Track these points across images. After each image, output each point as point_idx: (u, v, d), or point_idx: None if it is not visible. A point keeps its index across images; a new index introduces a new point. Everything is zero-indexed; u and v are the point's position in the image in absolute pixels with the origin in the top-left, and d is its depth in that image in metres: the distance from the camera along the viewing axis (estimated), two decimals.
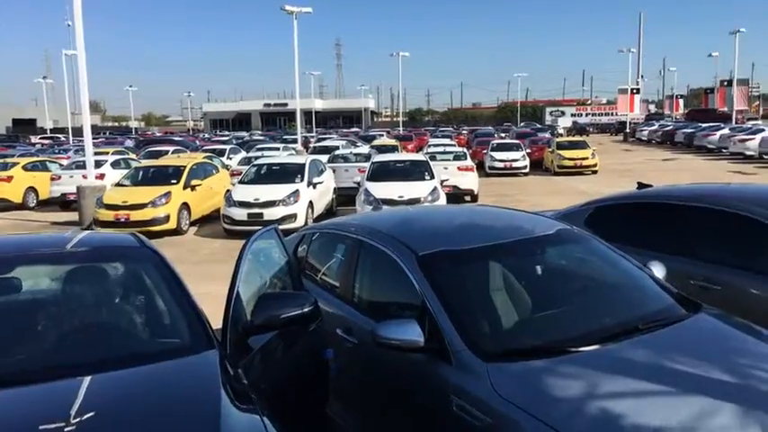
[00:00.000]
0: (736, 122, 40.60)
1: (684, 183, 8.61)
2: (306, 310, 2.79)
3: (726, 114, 44.77)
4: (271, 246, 3.54)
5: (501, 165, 24.06)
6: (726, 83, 47.24)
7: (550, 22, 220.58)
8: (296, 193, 12.64)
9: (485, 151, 25.78)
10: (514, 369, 2.78)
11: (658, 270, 3.88)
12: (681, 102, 68.01)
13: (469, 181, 16.53)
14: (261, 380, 2.62)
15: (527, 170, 24.14)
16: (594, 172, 23.76)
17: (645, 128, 48.30)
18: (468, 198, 16.50)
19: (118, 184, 14.37)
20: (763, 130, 29.44)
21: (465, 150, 21.13)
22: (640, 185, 5.85)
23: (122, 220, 12.47)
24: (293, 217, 12.25)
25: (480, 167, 24.26)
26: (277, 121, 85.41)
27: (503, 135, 38.31)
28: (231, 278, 2.73)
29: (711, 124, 37.33)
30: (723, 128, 34.22)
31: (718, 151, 31.76)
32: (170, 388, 2.09)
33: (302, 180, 13.19)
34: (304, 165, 13.88)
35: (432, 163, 14.96)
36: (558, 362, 2.81)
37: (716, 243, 4.62)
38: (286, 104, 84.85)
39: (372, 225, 4.18)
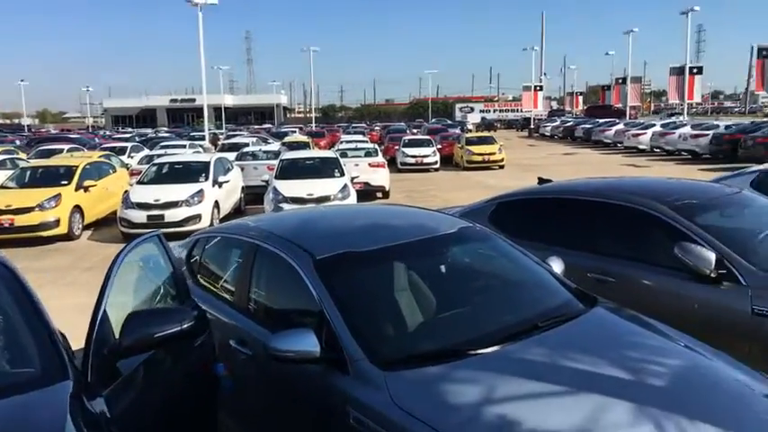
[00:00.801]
0: (629, 118, 43.12)
1: (584, 176, 8.95)
2: (184, 326, 2.54)
3: (621, 110, 47.53)
4: (153, 254, 3.24)
5: (412, 160, 24.31)
6: (620, 80, 50.03)
7: (459, 19, 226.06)
8: (200, 192, 12.09)
9: (397, 147, 25.90)
10: (413, 377, 2.66)
11: (557, 265, 3.91)
12: (580, 98, 71.59)
13: (381, 177, 16.51)
14: (133, 407, 2.35)
15: (438, 165, 24.48)
16: (501, 167, 24.43)
17: (548, 124, 50.47)
18: (379, 195, 16.49)
19: (2, 187, 13.19)
20: (654, 125, 31.46)
21: (376, 147, 21.11)
22: (541, 180, 5.96)
23: (6, 225, 11.44)
24: (197, 218, 11.71)
25: (393, 163, 24.49)
26: (185, 118, 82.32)
27: (415, 131, 38.71)
28: (98, 294, 2.43)
29: (608, 120, 39.50)
30: (618, 123, 36.29)
31: (614, 145, 33.64)
32: (11, 430, 1.80)
33: (207, 179, 12.64)
34: (209, 163, 13.32)
35: (343, 160, 14.85)
36: (457, 366, 2.72)
37: (611, 236, 4.74)
38: (194, 100, 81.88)
39: (270, 228, 3.96)
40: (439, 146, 26.84)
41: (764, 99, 47.65)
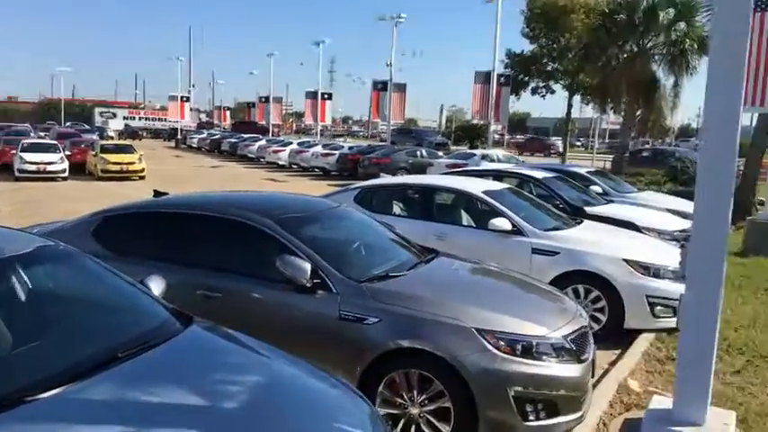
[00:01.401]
0: (272, 135, 45.56)
1: (228, 189, 8.89)
2: None
3: (265, 128, 49.88)
4: None
5: (33, 168, 21.35)
6: (264, 99, 52.51)
7: (98, 20, 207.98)
8: None
9: (14, 152, 22.30)
10: None
11: (156, 284, 3.61)
12: (228, 113, 72.74)
13: None
14: None
15: (66, 174, 22.00)
16: (142, 177, 23.15)
17: (195, 136, 49.98)
18: None
19: None
20: (291, 143, 33.82)
21: None
22: (156, 193, 5.60)
23: None
24: None
25: (10, 170, 21.12)
26: None
27: (42, 134, 34.44)
28: None
29: (252, 135, 41.02)
30: (261, 139, 37.98)
31: (258, 160, 35.07)
32: None
33: None
34: None
35: None
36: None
37: (220, 251, 4.68)
38: None
39: None
40: (68, 152, 24.18)
41: (382, 126, 55.94)
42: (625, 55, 23.78)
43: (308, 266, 4.10)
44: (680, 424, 3.00)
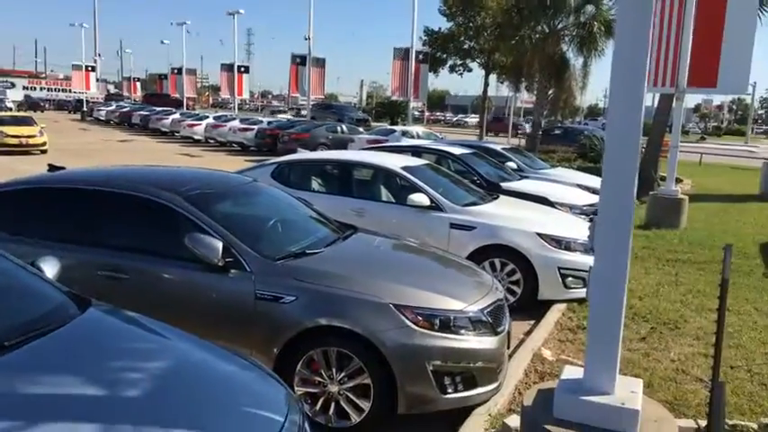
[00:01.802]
0: (186, 108, 43.71)
1: (139, 164, 8.35)
2: None
3: (179, 101, 47.76)
4: None
5: None
6: (177, 71, 50.10)
7: None
8: None
9: None
10: None
11: (49, 266, 3.32)
12: (139, 85, 69.08)
13: None
14: None
15: None
16: (44, 151, 21.75)
17: (103, 108, 47.32)
18: None
19: None
20: (207, 116, 32.61)
21: None
22: (52, 168, 5.17)
23: None
24: None
25: None
26: None
27: None
28: None
29: (165, 109, 39.20)
30: (175, 113, 36.38)
31: (171, 134, 33.61)
32: None
33: None
34: None
35: None
36: None
37: (125, 229, 4.40)
38: None
39: None
40: None
41: (303, 101, 54.90)
42: (537, 35, 24.37)
43: (218, 244, 3.91)
44: (590, 393, 3.08)
